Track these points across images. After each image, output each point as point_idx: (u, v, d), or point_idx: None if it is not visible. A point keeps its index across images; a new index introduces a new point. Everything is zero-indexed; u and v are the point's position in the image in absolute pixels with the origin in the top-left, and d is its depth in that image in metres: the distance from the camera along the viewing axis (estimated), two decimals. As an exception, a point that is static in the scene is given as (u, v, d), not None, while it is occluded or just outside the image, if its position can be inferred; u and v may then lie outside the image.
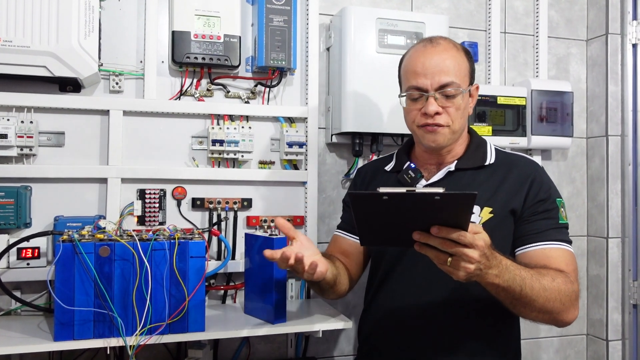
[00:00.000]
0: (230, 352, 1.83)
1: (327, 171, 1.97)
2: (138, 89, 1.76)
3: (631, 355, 2.19)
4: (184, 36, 1.71)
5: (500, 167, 1.38)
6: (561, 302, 1.21)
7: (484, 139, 1.47)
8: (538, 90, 2.09)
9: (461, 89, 1.32)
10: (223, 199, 1.79)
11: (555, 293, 1.20)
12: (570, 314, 1.25)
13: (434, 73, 1.31)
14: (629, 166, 2.21)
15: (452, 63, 1.32)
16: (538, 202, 1.33)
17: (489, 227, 1.27)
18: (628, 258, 2.21)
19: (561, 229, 1.33)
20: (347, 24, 1.82)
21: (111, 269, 1.35)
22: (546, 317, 1.24)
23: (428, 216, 0.98)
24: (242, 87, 1.86)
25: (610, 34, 2.23)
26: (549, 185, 1.37)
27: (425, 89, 1.32)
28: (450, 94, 1.31)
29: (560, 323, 1.27)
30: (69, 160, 1.69)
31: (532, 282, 1.17)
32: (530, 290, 1.16)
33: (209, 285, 1.79)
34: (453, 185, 1.36)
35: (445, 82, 1.31)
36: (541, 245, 1.31)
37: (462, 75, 1.34)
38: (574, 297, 1.24)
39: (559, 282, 1.22)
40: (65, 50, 1.53)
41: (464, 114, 1.36)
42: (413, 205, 0.96)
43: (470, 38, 2.16)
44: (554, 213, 1.34)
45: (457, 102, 1.33)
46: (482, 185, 1.35)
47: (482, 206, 1.33)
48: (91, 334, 1.35)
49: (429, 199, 0.94)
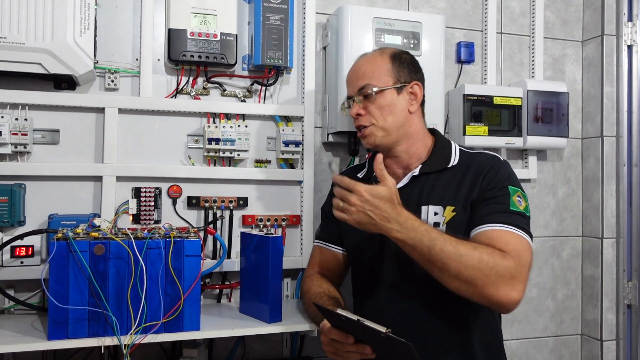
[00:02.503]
0: (226, 351, 1.83)
1: (323, 170, 1.96)
2: (134, 86, 1.75)
3: (625, 355, 2.20)
4: (180, 34, 1.70)
5: (462, 167, 1.41)
6: (482, 272, 1.17)
7: (449, 141, 1.49)
8: (534, 91, 2.10)
9: (375, 88, 1.41)
10: (219, 197, 1.78)
11: (473, 260, 1.17)
12: (500, 290, 1.18)
13: (354, 80, 1.47)
14: (624, 167, 2.22)
15: (369, 67, 1.45)
16: (490, 190, 1.34)
17: (454, 224, 1.33)
18: (622, 258, 2.22)
19: (511, 214, 1.29)
20: (343, 23, 1.82)
21: (106, 268, 1.34)
22: (469, 288, 1.19)
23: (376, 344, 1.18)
24: (238, 86, 1.85)
25: (605, 35, 2.24)
26: (504, 175, 1.36)
27: (350, 95, 1.48)
28: (366, 94, 1.42)
29: (491, 301, 1.20)
30: (63, 158, 1.68)
31: (444, 244, 1.18)
32: (441, 252, 1.18)
33: (205, 284, 1.78)
34: (417, 190, 1.40)
35: (361, 85, 1.44)
36: (484, 227, 1.28)
37: (378, 76, 1.43)
38: (503, 272, 1.18)
39: (482, 252, 1.18)
40: (61, 47, 1.52)
41: (393, 112, 1.42)
42: (364, 330, 1.14)
43: (466, 38, 2.17)
44: (502, 199, 1.31)
45: (378, 102, 1.42)
46: (445, 187, 1.38)
47: (444, 206, 1.36)
48: (85, 332, 1.34)
49: (377, 333, 1.10)
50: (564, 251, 2.30)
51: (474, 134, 2.00)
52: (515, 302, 1.21)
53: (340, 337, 1.22)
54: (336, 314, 1.17)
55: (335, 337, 1.23)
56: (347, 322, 1.16)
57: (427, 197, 1.39)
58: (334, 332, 1.23)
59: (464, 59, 2.14)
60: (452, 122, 2.06)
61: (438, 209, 1.37)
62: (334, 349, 1.25)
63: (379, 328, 1.09)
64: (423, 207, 1.38)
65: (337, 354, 1.25)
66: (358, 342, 1.21)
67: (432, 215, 1.37)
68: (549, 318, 2.27)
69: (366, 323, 1.11)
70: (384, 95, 1.42)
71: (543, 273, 2.27)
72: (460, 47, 2.14)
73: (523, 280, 1.22)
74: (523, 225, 1.30)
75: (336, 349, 1.25)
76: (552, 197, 2.29)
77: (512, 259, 1.21)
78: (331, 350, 1.26)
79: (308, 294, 1.50)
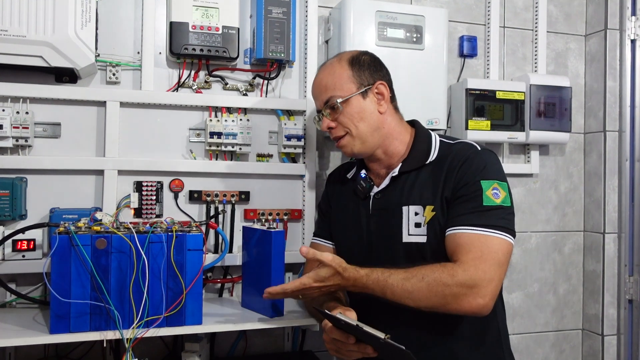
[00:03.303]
0: (227, 345, 1.83)
1: (325, 164, 1.96)
2: (135, 80, 1.74)
3: (626, 350, 2.21)
4: (181, 27, 1.69)
5: (440, 161, 1.37)
6: (437, 296, 1.21)
7: (429, 134, 1.44)
8: (537, 85, 2.09)
9: (339, 99, 1.39)
10: (220, 191, 1.78)
11: (423, 292, 1.21)
12: (463, 303, 1.20)
13: (317, 95, 1.45)
14: (626, 162, 2.21)
15: (330, 79, 1.42)
16: (462, 187, 1.30)
17: (434, 223, 1.32)
18: (624, 253, 2.21)
19: (482, 213, 1.26)
20: (346, 17, 1.81)
21: (108, 262, 1.34)
22: (437, 310, 1.23)
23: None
24: (240, 79, 1.85)
25: (609, 30, 2.22)
26: (479, 167, 1.31)
27: (319, 110, 1.46)
28: (333, 106, 1.40)
29: (460, 312, 1.23)
30: (65, 152, 1.67)
31: (393, 289, 1.23)
32: (393, 295, 1.24)
33: (206, 278, 1.78)
34: (397, 191, 1.39)
35: (325, 98, 1.42)
36: (454, 230, 1.27)
37: (340, 86, 1.40)
38: (457, 291, 1.20)
39: (429, 280, 1.21)
40: (62, 40, 1.51)
41: (363, 117, 1.40)
42: (363, 334, 1.16)
43: (469, 32, 2.16)
44: (474, 196, 1.28)
45: (345, 111, 1.40)
46: (424, 185, 1.36)
47: (424, 205, 1.34)
48: (87, 326, 1.33)
49: (376, 338, 1.11)
50: (565, 246, 2.30)
51: (476, 129, 2.00)
52: (483, 307, 1.22)
53: (341, 337, 1.23)
54: (336, 318, 1.18)
55: (337, 337, 1.23)
56: (346, 326, 1.17)
57: (407, 197, 1.37)
58: (336, 332, 1.24)
59: (467, 53, 2.13)
60: (455, 116, 2.06)
61: (418, 208, 1.34)
62: (336, 347, 1.26)
63: (377, 334, 1.10)
64: (404, 208, 1.36)
65: (340, 352, 1.26)
66: (359, 342, 1.22)
67: (413, 216, 1.35)
68: (550, 313, 2.27)
69: (365, 328, 1.12)
70: (349, 103, 1.39)
71: (545, 268, 2.27)
72: (463, 41, 2.13)
73: (486, 284, 1.21)
74: (495, 221, 1.26)
75: (338, 347, 1.25)
76: (554, 192, 2.28)
77: (466, 270, 1.21)
78: (333, 348, 1.27)
79: None
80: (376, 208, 1.43)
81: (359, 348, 1.22)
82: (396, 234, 1.37)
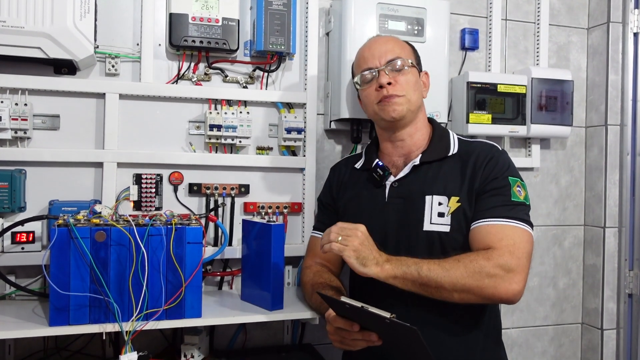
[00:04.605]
0: (227, 338, 1.83)
1: (326, 158, 1.95)
2: (134, 72, 1.73)
3: (625, 344, 2.21)
4: (181, 19, 1.68)
5: (463, 156, 1.42)
6: (473, 278, 1.22)
7: (447, 130, 1.50)
8: (538, 79, 2.08)
9: (409, 60, 1.44)
10: (220, 184, 1.77)
11: (459, 271, 1.22)
12: (499, 288, 1.23)
13: (381, 53, 1.44)
14: (628, 156, 2.21)
15: (396, 44, 1.47)
16: (491, 181, 1.36)
17: (458, 214, 1.34)
18: (624, 248, 2.21)
19: (512, 207, 1.33)
20: (347, 9, 1.79)
21: (107, 254, 1.34)
22: (471, 296, 1.24)
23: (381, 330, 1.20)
24: (240, 72, 1.83)
25: (611, 23, 2.21)
26: (504, 165, 1.38)
27: (375, 67, 1.44)
28: (398, 67, 1.42)
29: (494, 300, 1.26)
30: (64, 144, 1.66)
31: (430, 265, 1.24)
32: (429, 271, 1.23)
33: (206, 271, 1.78)
34: (419, 180, 1.41)
35: (391, 57, 1.43)
36: (485, 222, 1.32)
37: (407, 53, 1.46)
38: (494, 272, 1.23)
39: (465, 262, 1.24)
40: (61, 31, 1.50)
41: (416, 89, 1.44)
42: (368, 317, 1.14)
43: (471, 25, 2.14)
44: (504, 190, 1.34)
45: (407, 76, 1.43)
46: (448, 177, 1.39)
47: (449, 196, 1.37)
48: (87, 319, 1.33)
49: (381, 319, 1.10)
50: (565, 240, 2.30)
51: (477, 122, 1.99)
52: (518, 294, 1.26)
53: (345, 325, 1.22)
54: (340, 302, 1.16)
55: (341, 326, 1.22)
56: (351, 309, 1.16)
57: (430, 186, 1.39)
58: (340, 321, 1.23)
59: (468, 46, 2.12)
60: (456, 109, 2.05)
61: (442, 199, 1.37)
62: (340, 338, 1.25)
63: (383, 314, 1.09)
64: (427, 197, 1.38)
65: (344, 343, 1.25)
66: (363, 329, 1.21)
67: (437, 206, 1.37)
68: (550, 307, 2.27)
69: (370, 309, 1.11)
70: (413, 72, 1.45)
71: (544, 262, 2.27)
72: (465, 33, 2.11)
73: (520, 270, 1.26)
74: (522, 216, 1.33)
75: (342, 337, 1.25)
76: (554, 185, 2.28)
77: (502, 255, 1.25)
78: (337, 339, 1.26)
79: (309, 285, 1.50)
80: (393, 196, 1.43)
81: (364, 336, 1.22)
82: (417, 222, 1.38)
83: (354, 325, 1.21)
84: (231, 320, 1.50)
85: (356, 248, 1.26)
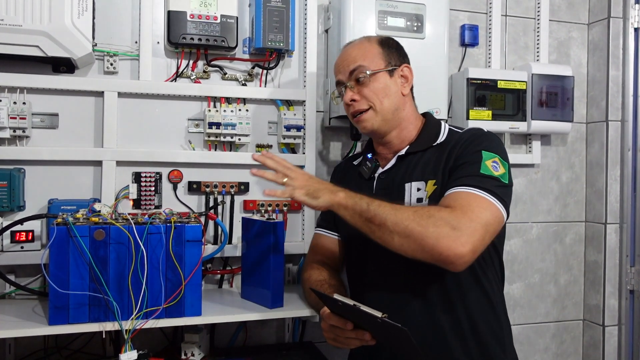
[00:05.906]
0: (227, 336, 1.83)
1: (325, 155, 1.95)
2: (133, 70, 1.73)
3: (627, 340, 2.20)
4: (180, 16, 1.67)
5: (448, 143, 1.39)
6: (418, 223, 1.16)
7: (439, 122, 1.47)
8: (539, 75, 2.07)
9: (368, 70, 1.39)
10: (220, 182, 1.77)
11: (408, 213, 1.19)
12: (440, 242, 1.14)
13: (344, 65, 1.43)
14: (629, 152, 2.20)
15: (359, 52, 1.43)
16: (463, 156, 1.32)
17: (435, 196, 1.32)
18: (626, 244, 2.21)
19: (480, 178, 1.25)
20: (346, 5, 1.79)
21: (106, 253, 1.33)
22: (410, 243, 1.18)
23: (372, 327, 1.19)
24: (239, 69, 1.83)
25: (612, 18, 2.20)
26: (482, 141, 1.33)
27: (342, 81, 1.44)
28: (359, 77, 1.40)
29: (433, 255, 1.16)
30: (63, 143, 1.66)
31: (381, 202, 1.23)
32: (378, 207, 1.22)
33: (206, 269, 1.78)
34: (402, 169, 1.40)
35: (352, 68, 1.41)
36: (450, 190, 1.27)
37: (370, 59, 1.41)
38: (440, 223, 1.16)
39: (417, 208, 1.22)
40: (59, 29, 1.50)
41: (386, 94, 1.40)
42: (361, 315, 1.14)
43: (470, 21, 2.13)
44: (473, 162, 1.29)
45: (372, 85, 1.40)
46: (428, 163, 1.38)
47: (426, 180, 1.35)
48: (86, 317, 1.33)
49: (373, 318, 1.09)
50: (567, 236, 2.29)
51: (477, 119, 1.98)
52: (461, 257, 1.15)
53: (339, 323, 1.21)
54: (333, 299, 1.16)
55: (335, 323, 1.22)
56: (344, 307, 1.16)
57: (410, 174, 1.38)
58: (333, 318, 1.22)
59: (468, 42, 2.11)
60: (456, 106, 2.04)
61: (420, 184, 1.36)
62: (334, 335, 1.24)
63: (374, 313, 1.08)
64: (406, 185, 1.37)
65: (337, 341, 1.25)
66: (357, 328, 1.21)
67: (415, 192, 1.36)
68: (551, 303, 2.27)
69: (362, 308, 1.10)
70: (377, 78, 1.40)
71: (546, 258, 2.26)
72: (464, 29, 2.10)
73: (469, 233, 1.16)
74: (491, 188, 1.24)
75: (336, 335, 1.24)
76: (555, 182, 2.27)
77: (452, 212, 1.18)
78: (331, 336, 1.26)
79: (308, 282, 1.49)
80: (379, 188, 1.44)
81: (357, 335, 1.21)
82: None
83: (348, 323, 1.20)
84: (231, 319, 1.50)
85: (303, 185, 1.28)
